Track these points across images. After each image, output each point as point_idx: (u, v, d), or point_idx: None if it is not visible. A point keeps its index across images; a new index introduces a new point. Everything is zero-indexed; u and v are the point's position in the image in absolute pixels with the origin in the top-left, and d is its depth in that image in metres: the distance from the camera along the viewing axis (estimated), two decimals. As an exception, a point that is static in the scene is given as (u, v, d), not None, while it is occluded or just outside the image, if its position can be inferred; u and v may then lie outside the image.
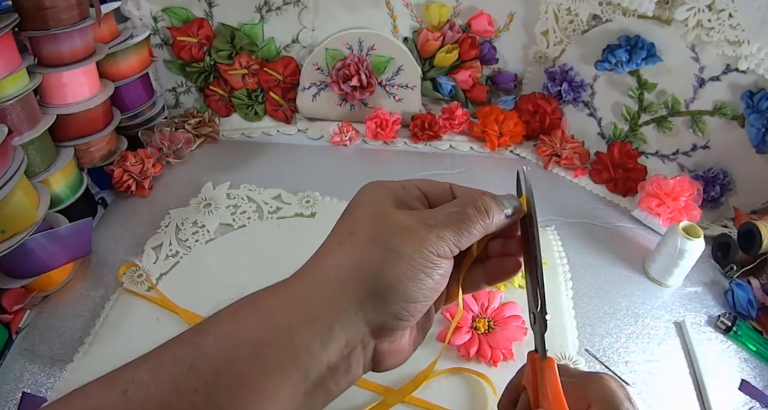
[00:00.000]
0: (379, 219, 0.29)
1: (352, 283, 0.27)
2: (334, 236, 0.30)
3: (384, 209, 0.30)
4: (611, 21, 0.76)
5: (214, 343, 0.25)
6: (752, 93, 0.67)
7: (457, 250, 0.29)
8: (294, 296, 0.27)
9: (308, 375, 0.25)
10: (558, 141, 0.85)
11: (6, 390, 0.49)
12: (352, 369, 0.28)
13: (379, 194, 0.31)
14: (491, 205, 0.31)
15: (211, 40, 0.84)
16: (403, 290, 0.27)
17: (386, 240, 0.28)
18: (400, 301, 0.27)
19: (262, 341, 0.25)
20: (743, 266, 0.65)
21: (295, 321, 0.26)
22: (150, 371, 0.24)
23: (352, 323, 0.27)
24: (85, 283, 0.60)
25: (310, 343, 0.25)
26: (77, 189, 0.66)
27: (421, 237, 0.28)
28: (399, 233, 0.28)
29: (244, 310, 0.27)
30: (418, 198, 0.32)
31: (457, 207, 0.30)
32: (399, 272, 0.27)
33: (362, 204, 0.31)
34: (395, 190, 0.32)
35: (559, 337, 0.57)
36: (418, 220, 0.29)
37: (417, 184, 0.33)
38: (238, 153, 0.84)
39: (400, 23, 0.87)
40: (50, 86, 0.64)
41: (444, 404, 0.50)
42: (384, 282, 0.27)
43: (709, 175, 0.73)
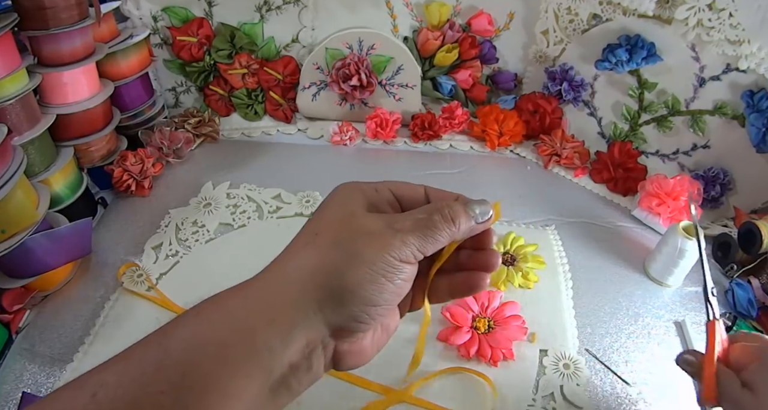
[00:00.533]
0: (345, 222, 0.30)
1: (312, 285, 0.28)
2: (299, 237, 0.31)
3: (352, 212, 0.30)
4: (611, 20, 0.76)
5: (178, 344, 0.26)
6: (752, 92, 0.67)
7: (421, 256, 0.29)
8: (256, 297, 0.28)
9: (271, 374, 0.26)
10: (558, 141, 0.85)
11: (6, 389, 0.49)
12: (314, 367, 0.28)
13: (350, 196, 0.32)
14: (459, 212, 0.31)
15: (210, 40, 0.84)
16: (362, 293, 0.28)
17: (349, 243, 0.28)
18: (359, 304, 0.28)
19: (224, 342, 0.26)
20: (743, 266, 0.65)
21: (256, 322, 0.26)
22: (118, 373, 0.25)
23: (311, 324, 0.27)
24: (85, 283, 0.60)
25: (271, 343, 0.26)
26: (77, 189, 0.66)
27: (385, 241, 0.28)
28: (362, 236, 0.29)
29: (207, 311, 0.28)
30: (390, 202, 0.33)
31: (425, 213, 0.30)
32: (359, 276, 0.27)
33: (331, 205, 0.32)
34: (367, 192, 0.32)
35: (559, 337, 0.57)
36: (384, 224, 0.29)
37: (390, 187, 0.33)
38: (238, 153, 0.84)
39: (400, 23, 0.87)
40: (50, 86, 0.64)
41: (444, 404, 0.50)
42: (343, 285, 0.27)
43: (709, 174, 0.73)
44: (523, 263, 0.64)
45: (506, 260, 0.64)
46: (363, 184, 0.33)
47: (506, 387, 0.52)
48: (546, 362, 0.54)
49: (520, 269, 0.63)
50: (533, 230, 0.71)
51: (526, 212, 0.74)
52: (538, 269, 0.64)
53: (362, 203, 0.31)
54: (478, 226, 0.31)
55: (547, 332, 0.57)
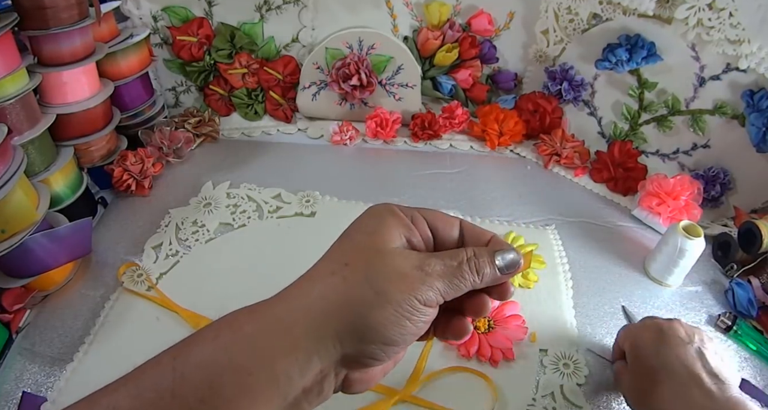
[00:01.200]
0: (376, 255, 0.29)
1: (335, 317, 0.27)
2: (326, 263, 0.30)
3: (387, 247, 0.30)
4: (611, 20, 0.76)
5: (196, 369, 0.26)
6: (752, 92, 0.67)
7: (443, 301, 0.30)
8: (275, 322, 0.28)
9: (286, 398, 0.26)
10: (558, 140, 0.85)
11: (6, 389, 0.49)
12: (324, 391, 0.29)
13: (387, 225, 0.31)
14: (485, 265, 0.31)
15: (210, 40, 0.84)
16: (383, 333, 0.28)
17: (379, 282, 0.28)
18: (379, 343, 0.28)
19: (244, 369, 0.26)
20: (743, 266, 0.65)
21: (276, 350, 0.27)
22: (130, 397, 0.25)
23: (328, 353, 0.27)
24: (85, 282, 0.60)
25: (290, 371, 0.26)
26: (77, 189, 0.66)
27: (414, 284, 0.28)
28: (393, 275, 0.28)
29: (225, 335, 0.27)
30: (424, 236, 0.32)
31: (456, 261, 0.30)
32: (384, 316, 0.27)
33: (365, 232, 0.31)
34: (404, 222, 0.31)
35: (559, 337, 0.57)
36: (416, 265, 0.29)
37: (427, 217, 0.33)
38: (238, 152, 0.84)
39: (400, 22, 0.87)
40: (50, 86, 0.64)
41: (444, 404, 0.50)
42: (366, 323, 0.27)
43: (709, 174, 0.73)
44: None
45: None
46: (398, 209, 0.32)
47: (506, 386, 0.52)
48: (546, 362, 0.54)
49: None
50: (533, 230, 0.71)
51: (526, 212, 0.74)
52: (538, 269, 0.64)
53: (397, 236, 0.31)
54: (503, 277, 0.32)
55: (547, 332, 0.57)
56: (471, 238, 0.33)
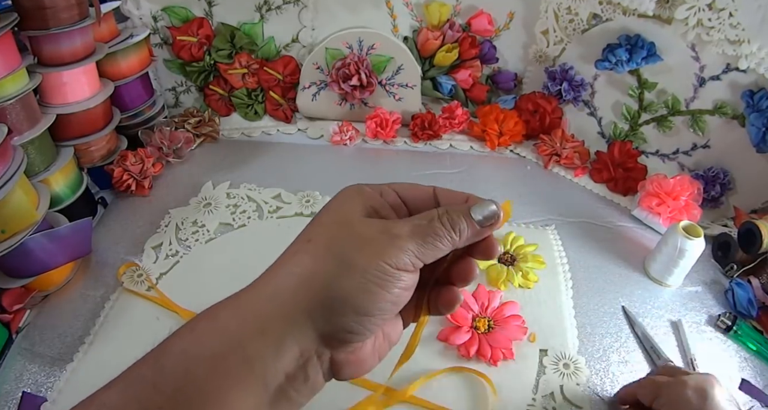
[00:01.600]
0: (340, 227, 0.28)
1: (302, 294, 0.27)
2: (293, 245, 0.30)
3: (349, 217, 0.29)
4: (611, 20, 0.76)
5: (174, 360, 0.26)
6: (752, 92, 0.67)
7: (420, 264, 0.28)
8: (246, 308, 0.27)
9: (267, 385, 0.26)
10: (558, 140, 0.85)
11: (6, 389, 0.49)
12: (311, 378, 0.27)
13: (349, 200, 0.30)
14: (460, 219, 0.29)
15: (210, 40, 0.84)
16: (354, 302, 0.26)
17: (341, 250, 0.27)
18: (351, 314, 0.27)
19: (217, 354, 0.25)
20: (743, 266, 0.65)
21: (247, 333, 0.26)
22: (119, 392, 0.25)
23: (302, 333, 0.26)
24: (85, 283, 0.60)
25: (263, 353, 0.26)
26: (77, 189, 0.66)
27: (379, 248, 0.27)
28: (356, 242, 0.27)
29: (201, 326, 0.27)
30: (395, 205, 0.31)
31: (426, 219, 0.29)
32: (350, 285, 0.26)
33: (328, 210, 0.30)
34: (370, 196, 0.31)
35: (559, 337, 0.57)
36: (380, 229, 0.28)
37: (397, 189, 0.32)
38: (238, 152, 0.84)
39: (400, 22, 0.87)
40: (50, 86, 0.64)
41: (444, 404, 0.50)
42: (334, 294, 0.26)
43: (709, 174, 0.73)
44: (523, 263, 0.64)
45: (506, 260, 0.64)
46: (367, 187, 0.31)
47: (506, 386, 0.52)
48: (546, 362, 0.54)
49: (520, 269, 0.63)
50: (533, 230, 0.71)
51: (526, 212, 0.74)
52: (538, 269, 0.64)
53: (361, 208, 0.30)
54: (483, 230, 0.30)
55: (547, 332, 0.57)
56: (447, 202, 0.32)
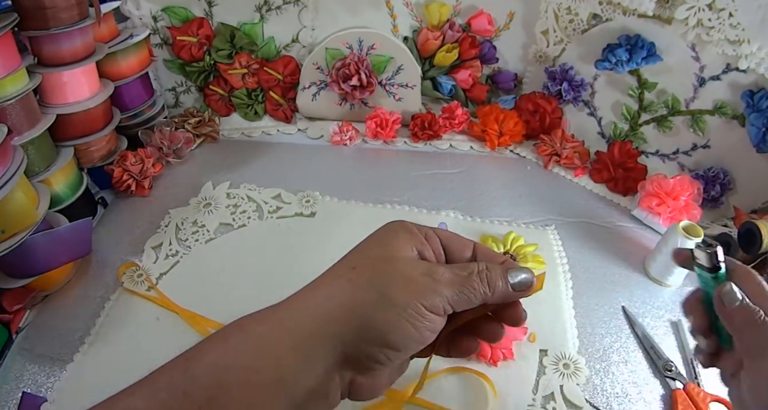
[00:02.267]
0: (385, 262, 0.30)
1: (338, 317, 0.28)
2: (335, 268, 0.31)
3: (396, 255, 0.30)
4: (611, 20, 0.76)
5: (206, 370, 0.26)
6: (752, 92, 0.67)
7: (450, 310, 0.29)
8: (282, 324, 0.28)
9: (294, 399, 0.27)
10: (558, 140, 0.85)
11: (6, 390, 0.49)
12: (330, 395, 0.29)
13: (397, 236, 0.31)
14: (497, 279, 0.31)
15: (210, 40, 0.84)
16: (385, 336, 0.28)
17: (383, 285, 0.28)
18: (381, 346, 0.28)
19: (252, 367, 0.26)
20: (743, 266, 0.65)
21: (281, 349, 0.27)
22: (144, 398, 0.25)
23: (331, 354, 0.28)
24: (85, 283, 0.60)
25: (295, 369, 0.27)
26: (77, 189, 0.66)
27: (419, 289, 0.28)
28: (398, 280, 0.29)
29: (234, 337, 0.28)
30: (436, 250, 0.33)
31: (466, 271, 0.30)
32: (386, 319, 0.28)
33: (377, 243, 0.32)
34: (417, 238, 0.32)
35: (559, 337, 0.57)
36: (423, 271, 0.29)
37: (441, 235, 0.33)
38: (238, 153, 0.84)
39: (400, 22, 0.87)
40: (50, 86, 0.64)
41: (444, 404, 0.50)
42: (369, 324, 0.28)
43: (709, 174, 0.73)
44: (523, 263, 0.64)
45: (506, 260, 0.64)
46: (414, 227, 0.33)
47: (506, 386, 0.52)
48: (546, 362, 0.54)
49: (520, 269, 0.63)
50: (533, 230, 0.71)
51: (526, 212, 0.74)
52: (538, 269, 0.64)
53: (408, 246, 0.31)
54: (515, 294, 0.31)
55: (547, 332, 0.57)
56: (484, 259, 0.33)
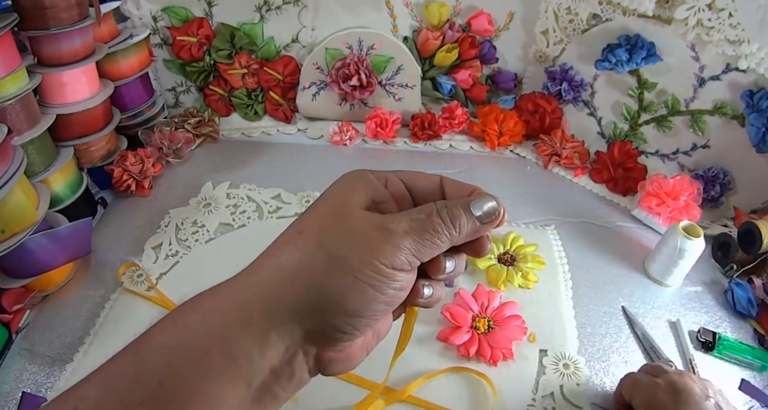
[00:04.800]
0: (335, 220, 0.26)
1: (288, 289, 0.25)
2: (284, 234, 0.28)
3: (346, 209, 0.27)
4: (611, 20, 0.76)
5: (155, 352, 0.24)
6: (752, 92, 0.67)
7: (418, 262, 0.26)
8: (231, 299, 0.26)
9: (252, 381, 0.24)
10: (558, 140, 0.85)
11: (6, 389, 0.49)
12: (297, 374, 0.26)
13: (351, 188, 0.28)
14: (460, 214, 0.27)
15: (210, 40, 0.84)
16: (343, 303, 0.25)
17: (333, 245, 0.25)
18: (342, 315, 0.25)
19: (201, 347, 0.24)
20: (743, 266, 0.65)
21: (231, 327, 0.24)
22: (98, 386, 0.24)
23: (288, 330, 0.25)
24: (85, 283, 0.60)
25: (248, 349, 0.24)
26: (77, 189, 0.66)
27: (374, 245, 0.25)
28: (350, 238, 0.25)
29: (184, 316, 0.26)
30: (399, 196, 0.29)
31: (424, 213, 0.27)
32: (341, 284, 0.24)
33: (328, 197, 0.28)
34: (372, 185, 0.28)
35: (559, 337, 0.57)
36: (376, 225, 0.26)
37: (404, 177, 0.30)
38: (238, 153, 0.84)
39: (400, 23, 0.87)
40: (50, 86, 0.64)
41: (444, 404, 0.50)
42: (323, 293, 0.24)
43: (709, 174, 0.73)
44: (523, 263, 0.64)
45: (506, 260, 0.64)
46: (371, 174, 0.29)
47: (506, 387, 0.52)
48: (546, 362, 0.54)
49: (520, 270, 0.63)
50: (533, 230, 0.71)
51: (526, 212, 0.74)
52: (537, 269, 0.64)
53: (361, 198, 0.27)
54: (483, 227, 0.28)
55: (547, 332, 0.57)
56: (453, 194, 0.30)
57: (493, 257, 0.64)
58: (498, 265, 0.63)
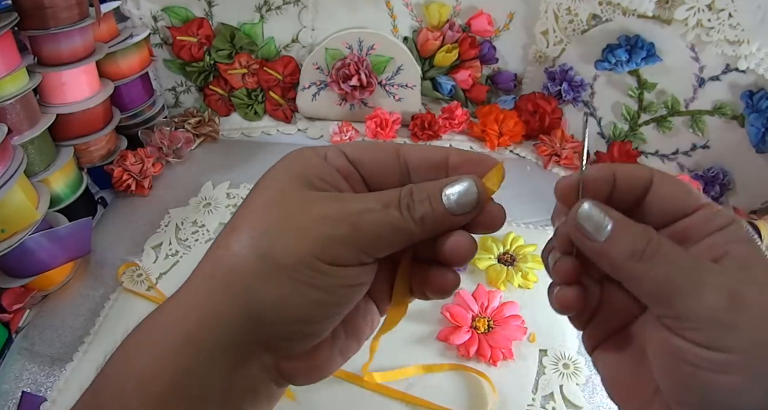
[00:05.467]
0: (268, 213, 0.22)
1: (222, 301, 0.21)
2: (219, 235, 0.24)
3: (282, 198, 0.22)
4: (611, 21, 0.76)
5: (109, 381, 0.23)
6: (752, 93, 0.67)
7: (370, 258, 0.22)
8: (173, 313, 0.23)
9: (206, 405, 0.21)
10: (558, 141, 0.85)
11: (5, 389, 0.49)
12: (260, 390, 0.23)
13: (287, 171, 0.24)
14: (424, 204, 0.22)
15: (210, 40, 0.84)
16: (284, 310, 0.21)
17: (265, 244, 0.21)
18: (285, 322, 0.21)
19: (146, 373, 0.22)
20: (743, 266, 0.65)
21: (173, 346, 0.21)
22: None
23: (231, 344, 0.21)
24: (85, 282, 0.60)
25: (192, 371, 0.21)
26: (77, 189, 0.66)
27: (311, 239, 0.21)
28: (283, 233, 0.21)
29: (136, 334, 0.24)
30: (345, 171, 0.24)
31: (379, 203, 0.22)
32: (276, 287, 0.21)
33: (262, 186, 0.24)
34: (313, 163, 0.24)
35: (559, 337, 0.57)
36: (316, 215, 0.22)
37: (348, 151, 0.24)
38: (238, 152, 0.84)
39: (400, 23, 0.87)
40: (50, 86, 0.64)
41: (443, 404, 0.50)
42: (258, 299, 0.21)
43: (708, 175, 0.73)
44: (523, 263, 0.64)
45: (506, 260, 0.64)
46: (313, 151, 0.24)
47: (506, 386, 0.52)
48: (546, 362, 0.54)
49: (520, 270, 0.63)
50: (533, 230, 0.71)
51: (526, 212, 0.74)
52: (537, 270, 0.64)
53: (300, 180, 0.23)
54: (456, 219, 0.23)
55: (546, 332, 0.57)
56: (419, 169, 0.24)
57: (493, 257, 0.64)
58: (498, 265, 0.63)
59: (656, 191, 0.24)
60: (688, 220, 0.23)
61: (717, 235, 0.22)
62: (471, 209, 0.23)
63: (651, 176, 0.24)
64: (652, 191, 0.24)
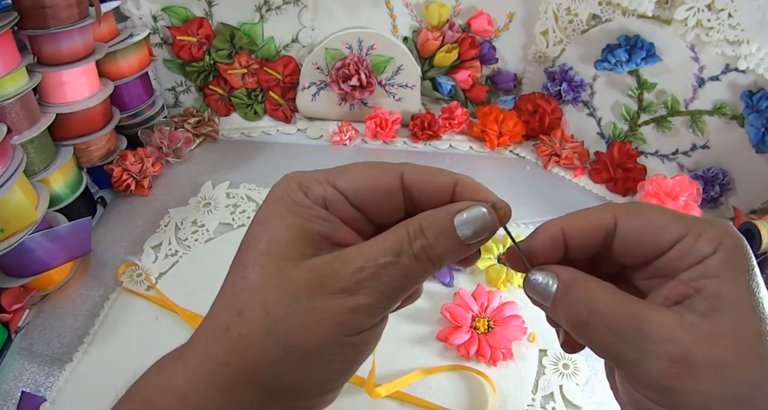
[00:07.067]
0: (273, 290, 0.21)
1: (245, 385, 0.21)
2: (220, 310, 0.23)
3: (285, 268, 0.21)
4: (611, 21, 0.76)
5: None
6: (752, 93, 0.67)
7: (387, 311, 0.22)
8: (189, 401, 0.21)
9: None
10: (557, 141, 0.85)
11: (5, 389, 0.49)
12: None
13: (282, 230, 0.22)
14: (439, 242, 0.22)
15: (210, 40, 0.84)
16: (312, 388, 0.22)
17: (282, 331, 0.21)
18: (312, 396, 0.22)
19: None
20: (743, 266, 0.65)
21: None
22: None
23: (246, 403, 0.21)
24: (85, 282, 0.60)
25: None
26: (76, 188, 0.66)
27: (333, 318, 0.21)
28: (298, 316, 0.21)
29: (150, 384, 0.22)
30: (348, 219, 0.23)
31: (391, 255, 0.21)
32: (302, 374, 0.21)
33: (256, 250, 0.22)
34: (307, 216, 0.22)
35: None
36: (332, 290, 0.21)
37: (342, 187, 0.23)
38: (238, 152, 0.84)
39: (400, 23, 0.87)
40: (50, 85, 0.64)
41: (443, 404, 0.50)
42: (287, 384, 0.21)
43: (708, 175, 0.73)
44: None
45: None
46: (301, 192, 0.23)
47: (505, 386, 0.52)
48: (545, 362, 0.54)
49: (520, 269, 0.63)
50: (533, 230, 0.71)
51: (526, 212, 0.74)
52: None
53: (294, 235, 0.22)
54: (471, 247, 0.23)
55: (546, 332, 0.57)
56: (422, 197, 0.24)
57: (493, 257, 0.64)
58: (498, 265, 0.63)
59: (622, 234, 0.23)
60: (664, 258, 0.23)
61: (693, 270, 0.22)
62: (486, 236, 0.23)
63: (612, 220, 0.23)
64: (617, 235, 0.23)
